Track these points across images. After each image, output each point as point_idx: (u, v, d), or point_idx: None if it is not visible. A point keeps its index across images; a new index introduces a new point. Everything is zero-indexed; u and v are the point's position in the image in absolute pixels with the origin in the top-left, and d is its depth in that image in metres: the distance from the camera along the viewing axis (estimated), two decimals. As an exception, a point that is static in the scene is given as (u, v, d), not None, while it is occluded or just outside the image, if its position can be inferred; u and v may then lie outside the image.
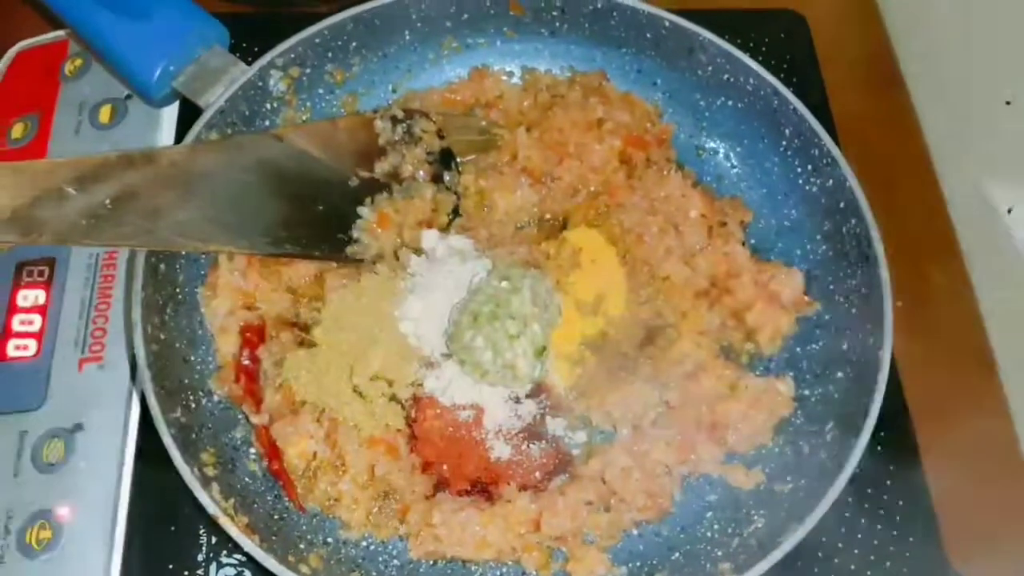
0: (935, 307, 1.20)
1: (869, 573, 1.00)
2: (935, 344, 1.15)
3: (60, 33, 1.28)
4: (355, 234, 1.08)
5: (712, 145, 1.19)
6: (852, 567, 1.00)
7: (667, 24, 1.13)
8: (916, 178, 1.31)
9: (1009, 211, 1.19)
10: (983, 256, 1.23)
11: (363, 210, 1.09)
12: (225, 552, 0.99)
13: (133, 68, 1.08)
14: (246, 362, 1.02)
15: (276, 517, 0.97)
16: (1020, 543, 1.02)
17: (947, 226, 1.27)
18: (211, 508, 0.87)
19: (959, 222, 1.27)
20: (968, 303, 1.21)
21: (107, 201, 0.92)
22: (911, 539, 1.02)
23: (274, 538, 0.93)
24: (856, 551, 1.01)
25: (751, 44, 1.31)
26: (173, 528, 1.00)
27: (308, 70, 1.14)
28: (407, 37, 1.18)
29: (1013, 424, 1.13)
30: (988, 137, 1.25)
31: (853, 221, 1.03)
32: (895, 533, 1.02)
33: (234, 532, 0.86)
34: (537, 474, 1.00)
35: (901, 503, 1.04)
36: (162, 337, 0.98)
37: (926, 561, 1.01)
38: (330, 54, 1.14)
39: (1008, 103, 1.20)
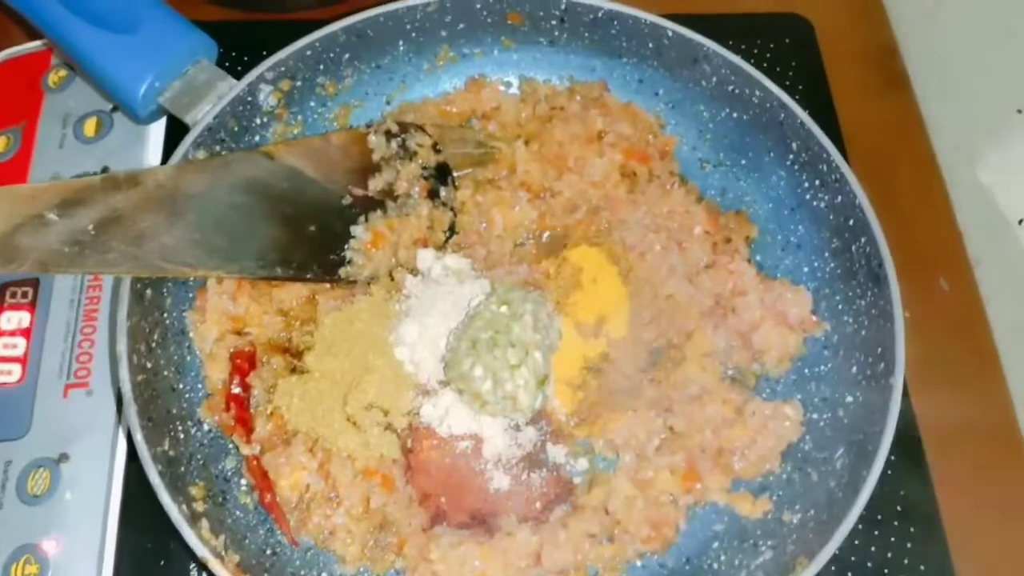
0: (944, 319, 1.17)
1: (880, 604, 0.98)
2: (944, 361, 1.13)
3: (42, 43, 1.24)
4: (348, 255, 1.05)
5: (716, 158, 1.15)
6: (862, 597, 0.98)
7: (670, 34, 1.09)
8: (924, 186, 1.27)
9: (1021, 223, 1.16)
10: (994, 268, 1.20)
11: (356, 229, 1.06)
12: (217, 588, 0.96)
13: (117, 85, 1.03)
14: (236, 390, 0.99)
15: (269, 552, 0.94)
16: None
17: (956, 235, 1.24)
18: (200, 551, 0.84)
19: (968, 233, 1.24)
20: (978, 316, 1.18)
21: (90, 226, 0.89)
22: (922, 567, 0.99)
23: (266, 575, 0.90)
24: (866, 581, 0.99)
25: (755, 50, 1.29)
26: (163, 562, 0.98)
27: (299, 83, 1.10)
28: (401, 48, 1.14)
29: (1024, 441, 1.10)
30: (999, 146, 1.21)
31: (863, 240, 1.00)
32: (906, 562, 0.99)
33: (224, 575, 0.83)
34: (538, 504, 0.97)
35: (912, 530, 1.01)
36: (148, 366, 0.95)
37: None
38: (322, 66, 1.11)
39: (1020, 111, 1.17)
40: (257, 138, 1.09)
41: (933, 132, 1.31)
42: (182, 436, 0.96)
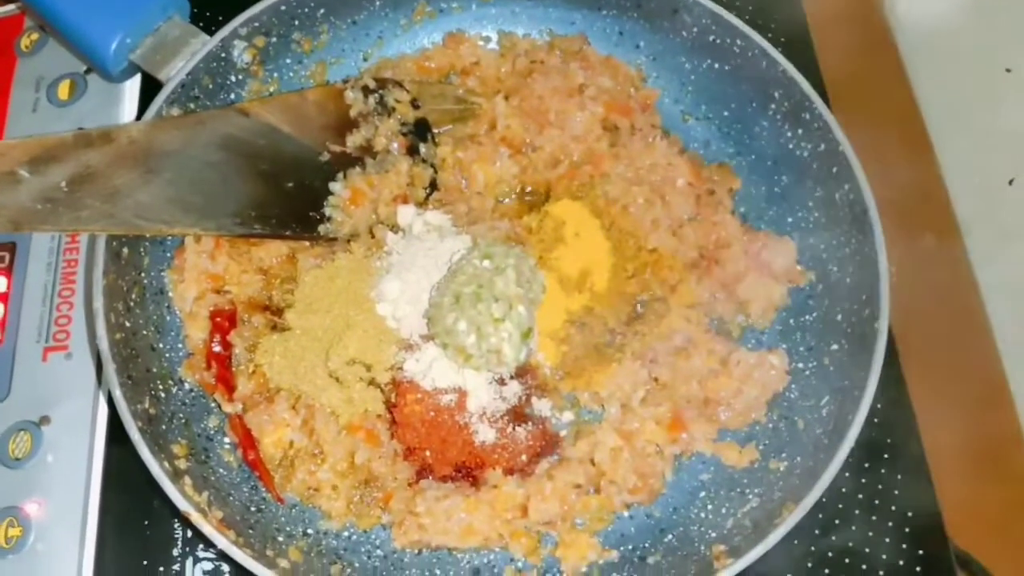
0: (930, 276, 1.16)
1: (867, 550, 0.97)
2: (931, 315, 1.12)
3: (13, 7, 1.22)
4: (327, 212, 1.04)
5: (698, 110, 1.15)
6: (850, 544, 0.98)
7: (649, -16, 1.08)
8: (909, 144, 1.27)
9: (1011, 183, 1.15)
10: (985, 232, 1.19)
11: (335, 186, 1.05)
12: (202, 546, 0.96)
13: (88, 41, 1.02)
14: (217, 348, 0.98)
15: (253, 509, 0.93)
16: (1022, 518, 1.00)
17: (942, 193, 1.23)
18: (182, 504, 0.83)
19: (955, 191, 1.23)
20: (965, 273, 1.18)
21: (63, 183, 0.88)
22: (910, 514, 0.99)
23: (251, 532, 0.89)
24: (854, 528, 0.98)
25: (737, 2, 1.27)
26: (147, 522, 0.97)
27: (274, 39, 1.09)
28: (377, 2, 1.13)
29: (1013, 398, 1.10)
30: (987, 105, 1.20)
31: (846, 187, 0.99)
32: (894, 508, 0.99)
33: (207, 530, 0.83)
34: (523, 457, 0.96)
35: (900, 477, 1.01)
36: (127, 325, 0.94)
37: (926, 538, 0.98)
38: (297, 22, 1.09)
39: (1008, 71, 1.15)
40: (232, 95, 1.08)
41: (919, 91, 1.30)
42: (163, 395, 0.95)
